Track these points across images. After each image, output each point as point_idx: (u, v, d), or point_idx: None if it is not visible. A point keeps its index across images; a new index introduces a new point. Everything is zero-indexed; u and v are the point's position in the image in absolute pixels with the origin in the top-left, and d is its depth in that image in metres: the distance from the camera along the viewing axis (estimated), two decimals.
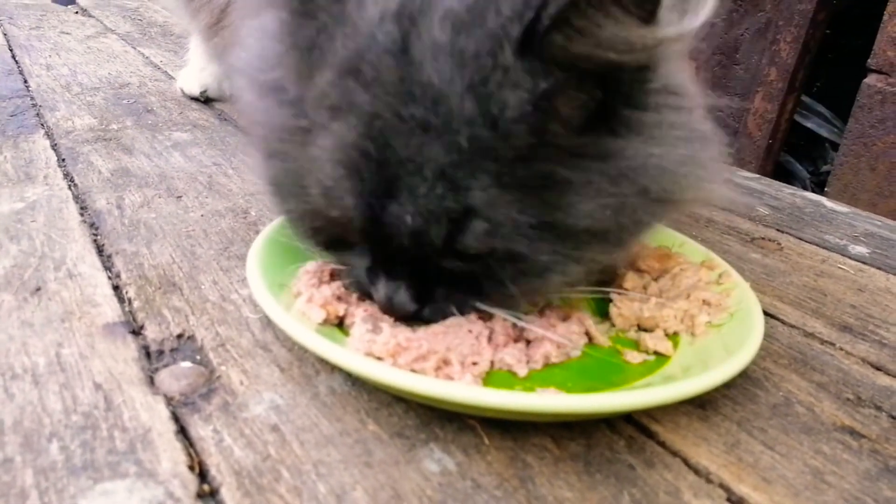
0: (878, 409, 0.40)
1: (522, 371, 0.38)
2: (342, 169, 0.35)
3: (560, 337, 0.40)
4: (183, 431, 0.34)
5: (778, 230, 0.68)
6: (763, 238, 0.66)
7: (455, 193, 0.33)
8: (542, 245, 0.35)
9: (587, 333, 0.42)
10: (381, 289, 0.39)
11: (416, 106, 0.33)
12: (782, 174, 1.34)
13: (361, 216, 0.35)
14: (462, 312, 0.39)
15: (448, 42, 0.32)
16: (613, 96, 0.35)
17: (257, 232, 0.47)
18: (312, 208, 0.38)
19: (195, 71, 0.96)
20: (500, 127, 0.33)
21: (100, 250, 0.51)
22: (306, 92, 0.36)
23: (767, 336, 0.46)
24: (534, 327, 0.40)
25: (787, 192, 0.81)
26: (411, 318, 0.39)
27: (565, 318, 0.43)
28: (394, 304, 0.38)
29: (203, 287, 0.47)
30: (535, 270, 0.37)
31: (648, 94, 0.36)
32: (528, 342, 0.40)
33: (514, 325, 0.40)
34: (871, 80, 1.04)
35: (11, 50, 1.19)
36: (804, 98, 1.33)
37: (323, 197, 0.36)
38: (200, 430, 0.34)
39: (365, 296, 0.41)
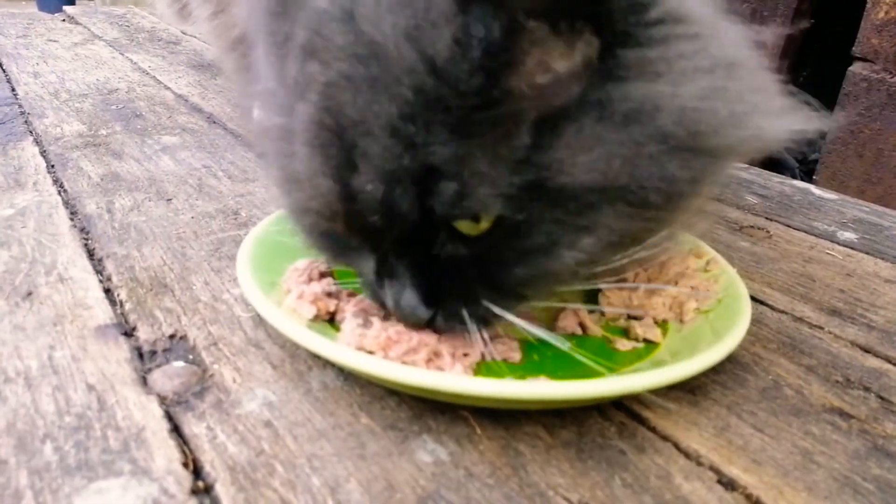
0: (867, 390, 0.41)
1: (517, 356, 0.38)
2: (308, 149, 0.33)
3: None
4: (176, 429, 0.34)
5: (767, 218, 0.69)
6: (752, 226, 0.66)
7: (412, 150, 0.31)
8: (536, 209, 0.32)
9: (581, 324, 0.42)
10: (389, 293, 0.36)
11: (361, 64, 0.31)
12: (771, 164, 1.35)
13: (333, 196, 0.33)
14: (474, 317, 0.36)
15: None
16: (607, 36, 0.32)
17: (247, 232, 0.47)
18: (304, 208, 0.37)
19: None
20: (443, 75, 0.30)
21: (90, 254, 0.51)
22: (284, 83, 0.35)
23: (756, 321, 0.47)
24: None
25: (775, 180, 0.82)
26: (426, 326, 0.36)
27: (559, 311, 0.43)
28: (403, 308, 0.36)
29: (194, 288, 0.47)
30: (539, 245, 0.33)
31: (648, 27, 0.32)
32: None
33: None
34: (856, 67, 1.05)
35: None
36: (791, 87, 1.34)
37: (302, 190, 0.35)
38: (194, 428, 0.34)
39: (381, 306, 0.38)
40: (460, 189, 0.31)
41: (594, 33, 0.32)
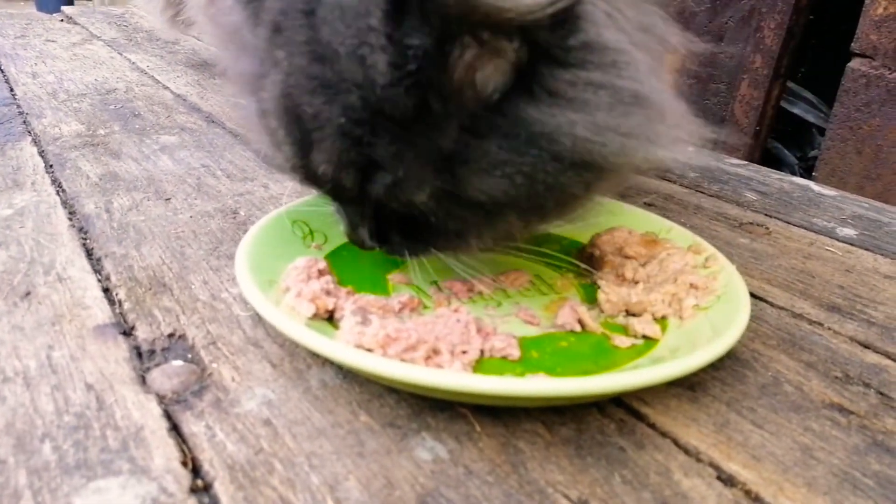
0: (867, 385, 0.41)
1: (515, 353, 0.38)
2: (275, 121, 0.37)
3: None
4: (175, 428, 0.34)
5: (766, 215, 0.69)
6: (751, 223, 0.66)
7: (358, 147, 0.35)
8: (450, 209, 0.37)
9: (580, 321, 0.42)
10: (343, 224, 0.43)
11: (318, 66, 0.34)
12: (771, 160, 1.35)
13: (295, 163, 0.38)
14: (412, 252, 0.42)
15: (340, 2, 0.32)
16: (533, 53, 0.34)
17: (246, 231, 0.47)
18: (271, 150, 0.40)
19: None
20: (379, 93, 0.33)
21: (89, 254, 0.51)
22: (256, 41, 0.38)
23: (756, 318, 0.47)
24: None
25: (774, 177, 0.82)
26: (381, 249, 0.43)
27: (557, 307, 0.43)
28: (354, 239, 0.43)
29: (193, 287, 0.47)
30: (451, 230, 0.39)
31: (569, 51, 0.34)
32: None
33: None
34: (855, 63, 1.05)
35: None
36: (790, 84, 1.34)
37: (268, 138, 0.39)
38: (193, 427, 0.34)
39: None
40: (395, 181, 0.36)
41: (523, 42, 0.34)
